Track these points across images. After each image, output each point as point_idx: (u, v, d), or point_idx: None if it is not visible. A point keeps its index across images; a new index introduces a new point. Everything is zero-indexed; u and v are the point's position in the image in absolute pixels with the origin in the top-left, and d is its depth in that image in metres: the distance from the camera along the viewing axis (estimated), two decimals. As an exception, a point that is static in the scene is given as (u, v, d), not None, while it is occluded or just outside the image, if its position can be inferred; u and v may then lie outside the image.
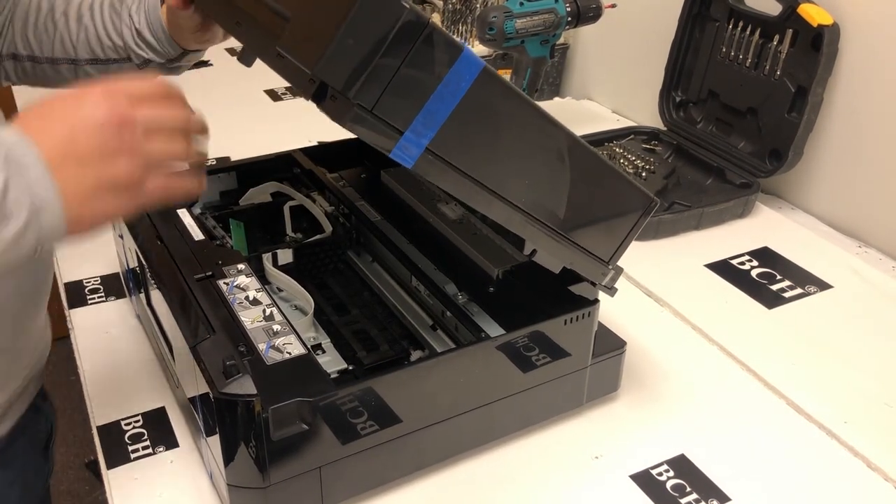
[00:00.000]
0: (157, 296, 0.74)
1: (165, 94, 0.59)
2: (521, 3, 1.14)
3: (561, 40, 1.35)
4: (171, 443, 0.73)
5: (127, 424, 0.75)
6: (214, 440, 0.62)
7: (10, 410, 0.77)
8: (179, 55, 0.85)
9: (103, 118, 0.53)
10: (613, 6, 1.22)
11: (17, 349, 0.76)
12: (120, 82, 0.56)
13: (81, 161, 0.52)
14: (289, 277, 0.78)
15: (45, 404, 0.85)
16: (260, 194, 0.91)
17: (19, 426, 0.78)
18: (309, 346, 0.65)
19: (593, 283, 0.70)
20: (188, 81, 1.51)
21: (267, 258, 0.80)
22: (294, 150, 0.95)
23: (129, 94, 0.55)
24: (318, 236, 0.84)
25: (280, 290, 0.81)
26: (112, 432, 0.75)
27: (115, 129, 0.54)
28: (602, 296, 0.72)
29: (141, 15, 0.84)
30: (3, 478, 0.78)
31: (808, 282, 0.99)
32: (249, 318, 0.67)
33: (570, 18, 1.18)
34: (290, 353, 0.64)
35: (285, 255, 0.82)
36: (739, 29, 1.14)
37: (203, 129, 0.63)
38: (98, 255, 0.98)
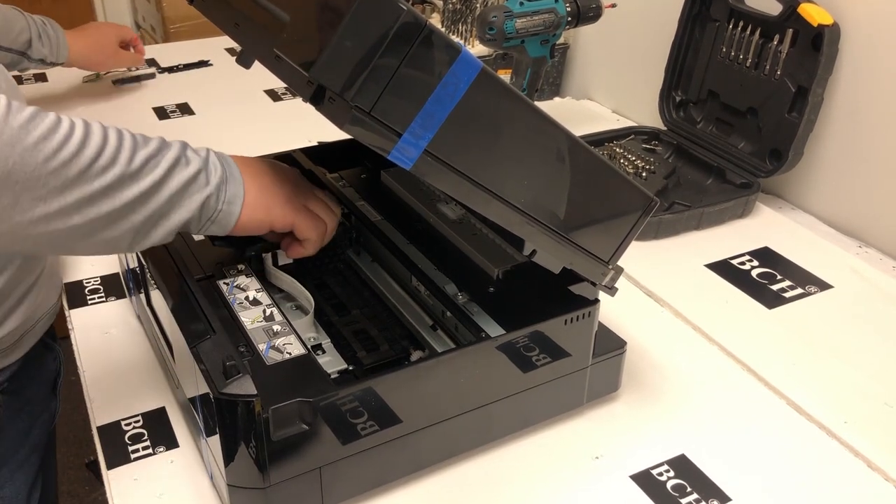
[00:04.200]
0: (157, 296, 0.74)
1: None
2: (521, 3, 1.14)
3: (561, 40, 1.35)
4: (171, 443, 0.74)
5: (127, 424, 0.75)
6: (214, 440, 0.62)
7: (23, 340, 0.82)
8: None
9: (286, 169, 0.72)
10: (613, 6, 1.22)
11: (28, 280, 0.81)
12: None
13: (263, 174, 0.68)
14: (290, 277, 0.78)
15: (54, 344, 0.93)
16: None
17: (30, 358, 0.84)
18: (309, 347, 0.65)
19: (593, 283, 0.70)
20: (188, 81, 1.51)
21: (267, 257, 0.80)
22: (294, 150, 0.95)
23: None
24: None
25: (280, 289, 0.81)
26: (112, 432, 0.75)
27: (293, 174, 0.72)
28: (602, 296, 0.72)
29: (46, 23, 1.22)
30: (11, 404, 0.84)
31: (808, 282, 0.99)
32: (249, 319, 0.67)
33: (570, 18, 1.18)
34: (290, 354, 0.64)
35: (285, 255, 0.82)
36: (739, 29, 1.14)
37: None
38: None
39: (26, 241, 0.55)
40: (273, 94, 1.45)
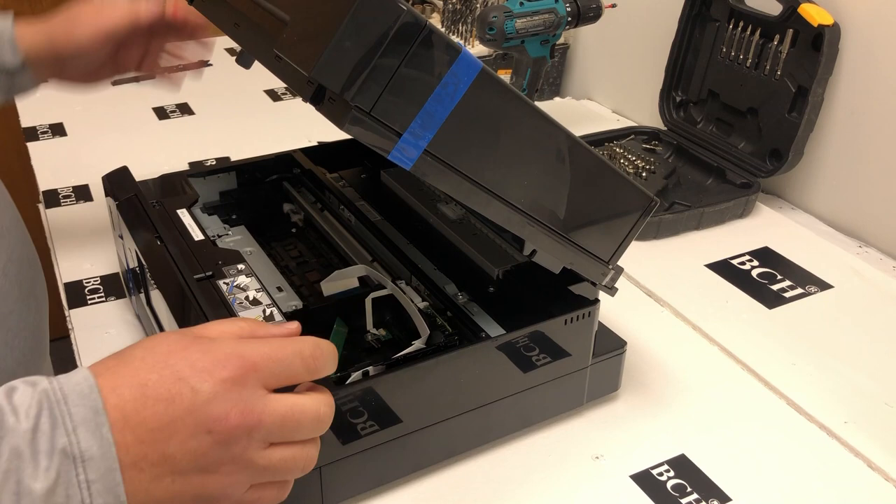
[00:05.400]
0: (157, 296, 0.74)
1: (318, 370, 0.47)
2: (521, 3, 1.14)
3: (561, 40, 1.35)
4: (171, 443, 0.73)
5: (127, 425, 0.75)
6: (214, 441, 0.62)
7: None
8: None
9: (214, 421, 0.41)
10: (613, 6, 1.22)
11: None
12: (265, 347, 0.44)
13: (165, 465, 0.41)
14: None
15: None
16: (346, 278, 0.79)
17: None
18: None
19: (593, 283, 0.70)
20: (188, 81, 1.52)
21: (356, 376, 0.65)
22: (294, 150, 0.95)
23: (271, 375, 0.43)
24: (413, 347, 0.69)
25: (281, 289, 0.81)
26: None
27: (228, 439, 0.41)
28: (602, 296, 0.72)
29: None
30: None
31: (808, 282, 0.99)
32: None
33: (570, 18, 1.18)
34: (289, 354, 0.64)
35: None
36: (740, 29, 1.14)
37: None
38: (98, 255, 0.98)
39: None
40: (273, 94, 1.45)
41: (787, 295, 0.97)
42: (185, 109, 1.39)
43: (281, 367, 0.44)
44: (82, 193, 1.13)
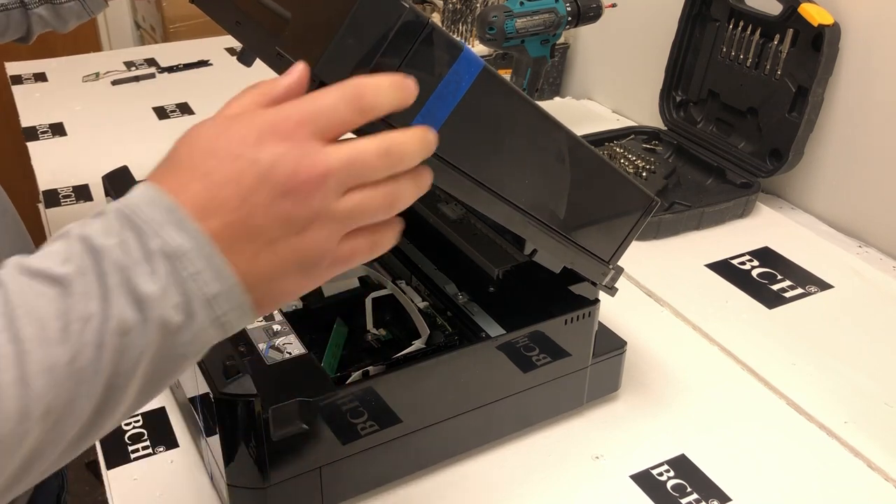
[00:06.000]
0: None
1: (370, 107, 0.44)
2: (522, 3, 1.14)
3: (561, 40, 1.35)
4: (171, 443, 0.73)
5: (127, 424, 0.75)
6: (214, 440, 0.62)
7: None
8: None
9: (285, 183, 0.41)
10: (613, 6, 1.22)
11: None
12: (300, 105, 0.43)
13: (259, 240, 0.41)
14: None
15: None
16: (346, 278, 0.79)
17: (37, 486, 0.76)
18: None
19: (594, 283, 0.70)
20: (188, 81, 1.51)
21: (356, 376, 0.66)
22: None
23: (319, 128, 0.42)
24: (413, 347, 0.70)
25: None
26: (112, 432, 0.74)
27: (305, 195, 0.41)
28: (602, 296, 0.72)
29: None
30: None
31: (808, 282, 0.99)
32: (249, 318, 0.67)
33: (570, 18, 1.18)
34: (290, 353, 0.64)
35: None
36: (740, 29, 1.14)
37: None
38: (98, 254, 0.98)
39: None
40: (273, 94, 1.45)
41: (787, 295, 0.97)
42: (185, 109, 1.39)
43: (326, 118, 0.43)
44: (82, 193, 1.13)
